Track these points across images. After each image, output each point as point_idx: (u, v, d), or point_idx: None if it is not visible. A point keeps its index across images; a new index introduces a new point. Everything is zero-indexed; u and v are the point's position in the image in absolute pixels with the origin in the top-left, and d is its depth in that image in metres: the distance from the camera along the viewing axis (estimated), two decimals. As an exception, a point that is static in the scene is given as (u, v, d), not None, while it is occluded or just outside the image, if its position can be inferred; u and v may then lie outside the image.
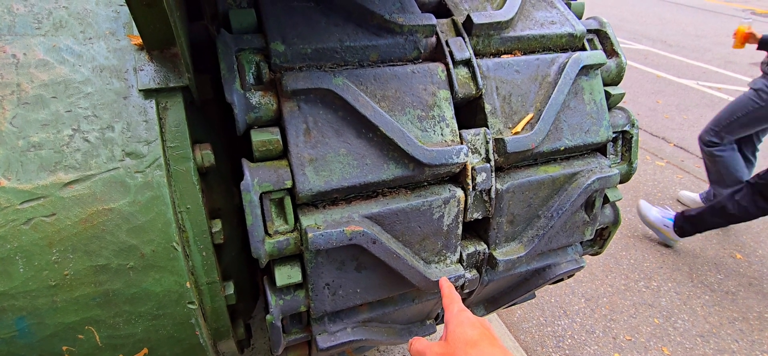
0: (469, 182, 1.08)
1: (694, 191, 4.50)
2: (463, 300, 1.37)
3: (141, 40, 0.94)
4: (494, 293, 1.44)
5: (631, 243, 3.83)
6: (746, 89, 4.03)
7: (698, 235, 3.95)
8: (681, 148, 5.63)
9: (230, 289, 1.05)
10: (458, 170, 1.09)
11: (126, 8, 1.00)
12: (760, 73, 3.85)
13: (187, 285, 0.91)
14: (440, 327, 2.71)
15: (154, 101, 0.92)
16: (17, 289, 0.80)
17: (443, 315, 1.40)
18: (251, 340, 1.40)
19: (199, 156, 0.95)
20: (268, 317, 1.01)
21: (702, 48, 9.41)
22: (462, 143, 1.07)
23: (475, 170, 1.08)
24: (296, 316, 1.11)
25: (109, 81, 0.91)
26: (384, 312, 1.18)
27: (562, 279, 1.47)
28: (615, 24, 10.90)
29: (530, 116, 1.16)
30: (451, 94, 1.09)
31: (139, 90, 0.91)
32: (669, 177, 4.81)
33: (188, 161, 0.93)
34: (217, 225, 0.99)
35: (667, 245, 3.83)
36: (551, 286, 3.38)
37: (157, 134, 0.90)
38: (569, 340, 2.98)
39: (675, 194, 4.52)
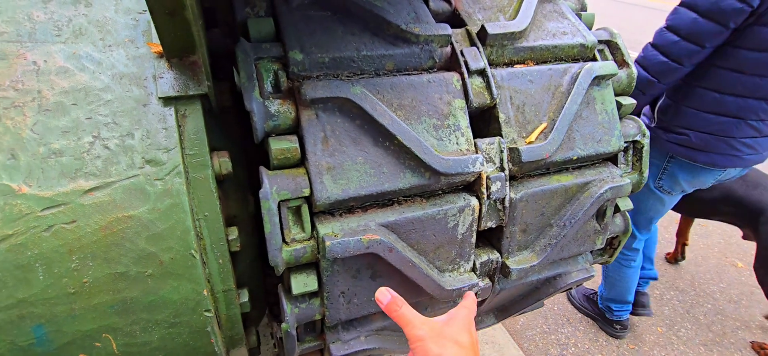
0: (484, 191, 1.09)
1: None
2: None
3: (160, 48, 0.94)
4: (505, 301, 1.44)
5: (633, 252, 3.83)
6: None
7: (698, 243, 3.97)
8: (681, 156, 5.65)
9: (245, 297, 1.05)
10: (473, 178, 1.09)
11: (144, 16, 1.01)
12: None
13: (204, 292, 0.91)
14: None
15: (173, 109, 0.92)
16: (36, 296, 0.80)
17: None
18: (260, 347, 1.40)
19: (217, 164, 0.96)
20: (283, 325, 1.00)
21: (700, 57, 9.47)
22: (477, 152, 1.08)
23: (489, 179, 1.08)
24: (310, 325, 1.11)
25: (128, 88, 0.91)
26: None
27: (571, 288, 1.48)
28: (614, 33, 10.97)
29: (544, 125, 1.16)
30: (466, 103, 1.10)
31: (159, 98, 0.91)
32: (669, 186, 4.83)
33: (206, 169, 0.93)
34: (234, 233, 0.98)
35: (668, 255, 3.83)
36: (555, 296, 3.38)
37: (177, 142, 0.90)
38: (573, 348, 2.97)
39: (676, 202, 4.54)
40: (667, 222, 4.17)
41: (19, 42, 0.89)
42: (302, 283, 0.98)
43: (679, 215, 3.53)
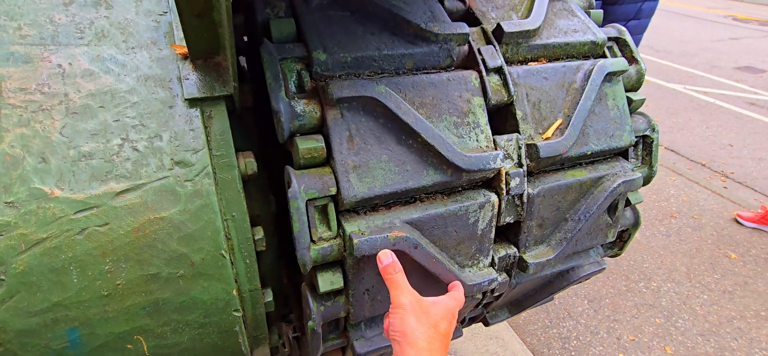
0: (503, 187, 1.10)
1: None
2: (491, 303, 1.39)
3: (185, 50, 0.94)
4: (519, 296, 1.46)
5: (630, 245, 3.89)
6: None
7: (693, 236, 4.05)
8: (672, 151, 5.75)
9: (269, 296, 1.06)
10: (493, 175, 1.11)
11: (165, 18, 1.01)
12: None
13: (234, 293, 0.91)
14: (466, 330, 2.72)
15: (198, 110, 0.92)
16: (70, 300, 0.79)
17: (468, 319, 1.41)
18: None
19: (242, 164, 0.96)
20: (309, 323, 1.01)
21: (687, 53, 9.65)
22: (496, 149, 1.10)
23: (508, 175, 1.10)
24: (333, 322, 1.12)
25: (154, 90, 0.91)
26: (417, 316, 1.19)
27: (582, 281, 1.50)
28: (603, 30, 11.11)
29: (559, 121, 1.19)
30: (485, 100, 1.12)
31: (185, 99, 0.92)
32: (662, 179, 4.91)
33: (233, 170, 0.93)
34: (260, 233, 0.99)
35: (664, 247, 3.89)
36: (554, 288, 3.43)
37: (204, 143, 0.90)
38: (574, 341, 3.02)
39: (668, 194, 4.62)
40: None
41: (42, 45, 0.89)
42: (328, 281, 0.99)
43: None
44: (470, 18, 1.25)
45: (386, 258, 0.94)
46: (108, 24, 0.96)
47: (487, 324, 1.49)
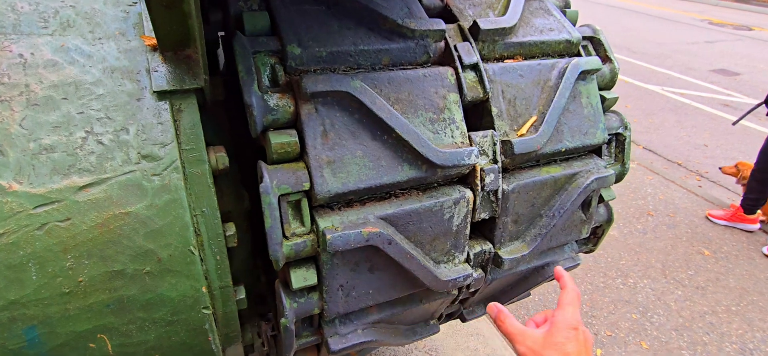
0: (478, 183, 1.11)
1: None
2: (468, 299, 1.40)
3: (154, 41, 0.92)
4: (495, 292, 1.47)
5: (607, 242, 3.97)
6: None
7: (668, 233, 4.15)
8: (649, 150, 5.88)
9: (242, 294, 1.04)
10: (468, 171, 1.11)
11: (135, 8, 0.98)
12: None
13: (203, 289, 0.90)
14: (446, 327, 2.73)
15: (168, 103, 0.90)
16: (29, 297, 0.77)
17: (445, 315, 1.42)
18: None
19: (213, 159, 0.94)
20: (282, 321, 1.00)
21: (663, 55, 9.87)
22: (472, 145, 1.10)
23: (483, 171, 1.10)
24: (306, 319, 1.11)
25: (121, 82, 0.89)
26: (393, 313, 1.19)
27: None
28: (584, 31, 11.30)
29: (534, 118, 1.20)
30: (461, 97, 1.12)
31: (153, 92, 0.89)
32: (640, 178, 5.02)
33: (203, 164, 0.91)
34: (231, 229, 0.97)
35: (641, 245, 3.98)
36: (534, 285, 3.47)
37: (173, 137, 0.88)
38: (553, 338, 3.05)
39: (645, 193, 4.73)
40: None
41: (2, 34, 0.86)
42: (302, 277, 0.98)
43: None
44: (447, 15, 1.25)
45: (492, 312, 0.93)
46: (74, 13, 0.93)
47: (464, 320, 1.50)
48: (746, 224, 4.16)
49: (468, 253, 1.19)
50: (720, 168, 4.56)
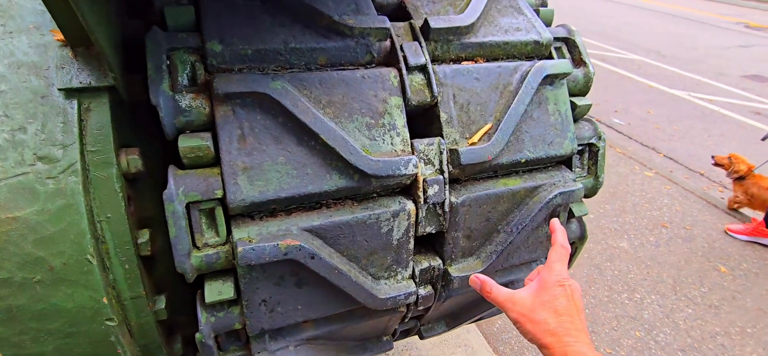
0: (421, 194, 1.02)
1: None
2: (417, 318, 1.31)
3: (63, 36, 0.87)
4: (455, 308, 1.38)
5: (616, 254, 3.78)
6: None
7: (683, 247, 3.92)
8: (670, 159, 5.61)
9: (161, 303, 0.99)
10: (409, 181, 1.03)
11: (54, 1, 0.94)
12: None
13: (104, 300, 0.85)
14: (434, 338, 2.64)
15: (75, 102, 0.86)
16: None
17: (399, 332, 1.34)
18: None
19: (124, 161, 0.89)
20: (197, 335, 0.94)
21: (695, 59, 9.43)
22: (413, 153, 1.01)
23: (426, 182, 1.02)
24: (234, 333, 1.05)
25: (26, 78, 0.85)
26: (331, 329, 1.11)
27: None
28: (610, 34, 10.92)
29: (489, 126, 1.10)
30: (404, 101, 1.03)
31: (59, 89, 0.85)
32: (657, 188, 4.78)
33: (110, 167, 0.86)
34: (145, 236, 0.92)
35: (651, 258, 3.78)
36: (533, 297, 3.33)
37: (76, 137, 0.83)
38: (548, 353, 2.91)
39: (661, 204, 4.49)
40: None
41: None
42: (216, 291, 0.92)
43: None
44: (402, 12, 1.17)
45: (475, 284, 0.94)
46: (-13, 6, 0.89)
47: (422, 337, 1.41)
48: (768, 239, 3.90)
49: (413, 269, 1.11)
50: (712, 157, 4.38)
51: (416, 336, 1.61)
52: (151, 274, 0.98)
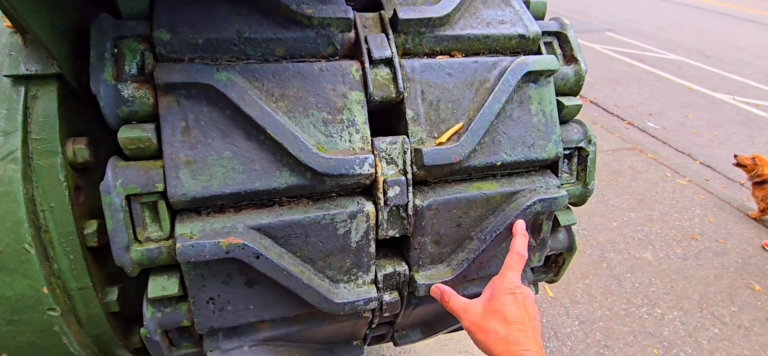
0: (381, 195, 0.96)
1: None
2: (383, 324, 1.25)
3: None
4: (430, 317, 1.31)
5: (638, 265, 3.58)
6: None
7: (713, 261, 3.66)
8: (707, 166, 5.27)
9: (113, 295, 0.98)
10: (369, 181, 0.97)
11: (12, -12, 0.94)
12: None
13: (44, 290, 0.84)
14: (435, 342, 2.58)
15: (22, 89, 0.85)
16: None
17: (370, 337, 1.28)
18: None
19: (71, 151, 0.88)
20: (142, 330, 0.92)
21: (741, 61, 8.84)
22: (373, 152, 0.96)
23: (386, 182, 0.96)
24: (186, 330, 1.02)
25: (-26, 65, 0.84)
26: (290, 331, 1.07)
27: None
28: (649, 33, 10.40)
29: (460, 125, 1.03)
30: (366, 96, 0.98)
31: (6, 75, 0.84)
32: (689, 197, 4.49)
33: (55, 156, 0.85)
34: (92, 226, 0.91)
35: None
36: (544, 305, 3.19)
37: (19, 125, 0.82)
38: (556, 366, 2.79)
39: (692, 214, 4.21)
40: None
41: None
42: (160, 286, 0.90)
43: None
44: (373, 2, 1.11)
45: (435, 294, 0.99)
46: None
47: (396, 344, 1.35)
48: (812, 258, 3.58)
49: (376, 274, 1.05)
50: (734, 156, 4.12)
51: (417, 343, 1.56)
52: (104, 266, 0.96)
